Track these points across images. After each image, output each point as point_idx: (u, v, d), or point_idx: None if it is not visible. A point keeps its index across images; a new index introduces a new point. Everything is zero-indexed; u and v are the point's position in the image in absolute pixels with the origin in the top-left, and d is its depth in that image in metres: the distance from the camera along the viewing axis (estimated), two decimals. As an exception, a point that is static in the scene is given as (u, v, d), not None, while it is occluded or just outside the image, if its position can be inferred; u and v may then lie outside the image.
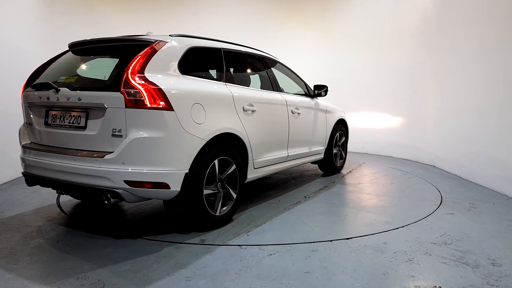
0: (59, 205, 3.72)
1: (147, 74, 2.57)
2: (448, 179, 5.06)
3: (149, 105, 2.50)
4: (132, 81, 2.50)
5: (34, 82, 3.09)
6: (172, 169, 2.62)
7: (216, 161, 2.97)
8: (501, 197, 4.12)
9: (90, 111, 2.68)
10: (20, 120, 3.35)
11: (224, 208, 3.12)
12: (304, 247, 2.69)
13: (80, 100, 2.68)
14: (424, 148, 6.29)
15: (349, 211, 3.63)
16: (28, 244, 2.76)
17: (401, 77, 6.72)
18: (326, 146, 4.92)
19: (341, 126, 5.31)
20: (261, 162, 3.59)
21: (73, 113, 2.77)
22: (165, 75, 2.70)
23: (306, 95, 4.67)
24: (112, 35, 3.30)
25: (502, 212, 3.58)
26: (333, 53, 7.94)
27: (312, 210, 3.61)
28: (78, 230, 3.04)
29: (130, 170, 2.50)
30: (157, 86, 2.55)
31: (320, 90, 4.71)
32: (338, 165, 5.31)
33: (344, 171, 5.50)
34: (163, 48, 2.77)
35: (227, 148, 3.07)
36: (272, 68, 4.23)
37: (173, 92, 2.62)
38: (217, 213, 3.03)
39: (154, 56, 2.67)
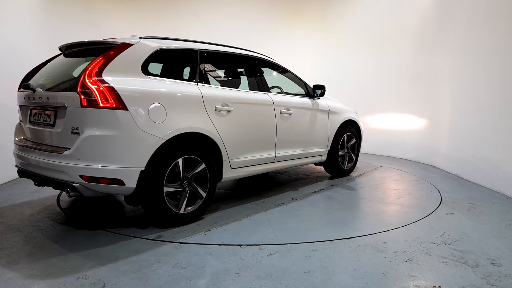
0: (59, 205, 3.72)
1: (105, 75, 2.71)
2: (448, 179, 5.07)
3: (101, 105, 2.64)
4: (88, 82, 2.66)
5: (24, 83, 3.31)
6: (126, 166, 2.73)
7: (180, 160, 3.03)
8: (501, 197, 4.12)
9: (58, 110, 2.87)
10: (17, 120, 3.49)
11: (191, 206, 3.18)
12: (304, 247, 2.70)
13: (48, 100, 2.91)
14: (424, 148, 6.30)
15: (328, 215, 3.47)
16: (28, 244, 2.76)
17: (401, 77, 6.72)
18: (329, 148, 4.78)
19: (350, 128, 5.10)
20: (241, 162, 3.59)
21: (46, 112, 2.99)
22: (125, 76, 2.82)
23: (305, 95, 4.57)
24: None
25: (501, 212, 3.59)
26: (333, 53, 7.94)
27: (289, 212, 3.51)
28: (78, 229, 3.04)
29: (84, 165, 2.66)
30: (111, 86, 2.68)
31: (317, 90, 4.59)
32: (346, 168, 5.11)
33: (354, 174, 5.31)
34: (126, 50, 2.91)
35: (193, 147, 3.13)
36: (262, 68, 4.19)
37: (127, 92, 2.74)
38: (181, 211, 3.09)
39: (115, 58, 2.82)
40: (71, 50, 3.32)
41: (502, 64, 4.29)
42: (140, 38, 3.11)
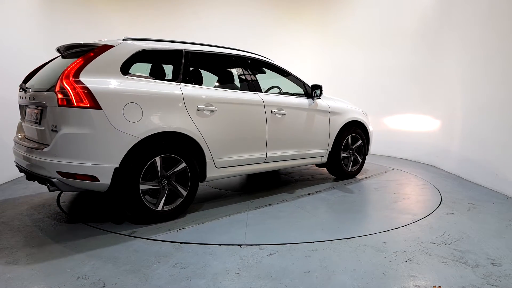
0: (59, 205, 3.73)
1: (82, 76, 2.82)
2: (448, 179, 5.07)
3: (76, 104, 2.76)
4: (64, 83, 2.78)
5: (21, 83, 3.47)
6: (100, 163, 2.83)
7: (157, 159, 3.09)
8: (501, 197, 4.12)
9: (42, 109, 2.99)
10: (17, 120, 3.57)
11: (170, 204, 3.24)
12: (304, 247, 2.70)
13: (34, 99, 3.08)
14: (424, 148, 6.30)
15: (309, 218, 3.36)
16: (28, 244, 2.76)
17: (401, 77, 6.72)
18: (329, 149, 4.65)
19: (355, 129, 4.93)
20: (227, 162, 3.59)
21: (35, 111, 3.13)
22: (102, 77, 2.91)
23: (304, 95, 4.49)
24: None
25: (501, 212, 3.58)
26: (333, 53, 7.94)
27: (273, 214, 3.47)
28: (78, 230, 3.04)
29: (61, 162, 2.78)
30: (85, 87, 2.79)
31: (316, 90, 4.47)
32: (350, 170, 4.95)
33: (361, 176, 5.14)
34: (106, 52, 3.01)
35: (173, 146, 3.18)
36: (254, 69, 4.16)
37: (102, 92, 2.83)
38: (159, 208, 3.15)
39: (94, 59, 2.93)
40: (68, 52, 3.39)
41: (502, 65, 4.29)
42: (124, 39, 3.19)
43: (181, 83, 3.34)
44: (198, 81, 3.74)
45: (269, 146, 3.95)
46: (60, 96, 2.78)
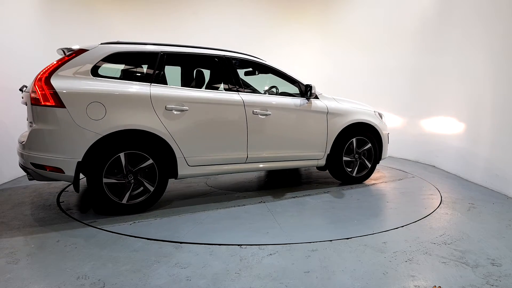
0: (59, 205, 3.73)
1: (53, 78, 3.11)
2: (448, 179, 5.07)
3: (42, 103, 3.06)
4: (35, 84, 3.10)
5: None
6: (64, 157, 3.11)
7: (122, 155, 3.28)
8: (501, 197, 4.12)
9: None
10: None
11: (136, 199, 3.42)
12: (304, 247, 2.70)
13: (22, 98, 3.48)
14: (424, 148, 6.30)
15: (265, 221, 3.27)
16: (28, 244, 2.76)
17: (400, 77, 6.72)
18: (328, 152, 4.41)
19: (363, 131, 4.63)
20: (200, 160, 3.66)
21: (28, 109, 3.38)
22: (73, 78, 3.19)
23: (300, 95, 4.31)
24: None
25: (501, 212, 3.59)
26: (333, 53, 7.94)
27: (235, 214, 3.44)
28: (78, 229, 3.05)
29: (33, 154, 3.12)
30: (52, 87, 3.07)
31: (308, 90, 4.25)
32: (355, 174, 4.62)
33: (370, 182, 4.78)
34: (80, 55, 3.28)
35: (140, 143, 3.37)
36: (240, 69, 4.14)
37: (66, 92, 3.09)
38: (124, 202, 3.34)
39: (67, 62, 3.22)
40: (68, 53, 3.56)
41: (503, 65, 4.29)
42: (101, 43, 3.43)
43: (152, 84, 3.48)
44: (173, 81, 3.81)
45: (251, 146, 3.91)
46: (32, 95, 3.11)
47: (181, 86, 4.03)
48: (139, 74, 3.71)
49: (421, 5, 6.23)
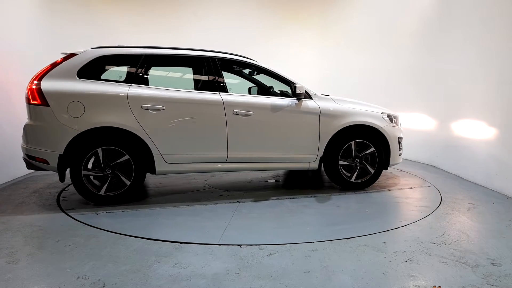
0: (59, 205, 3.73)
1: (44, 79, 3.49)
2: (448, 179, 5.06)
3: (31, 102, 3.49)
4: (29, 85, 3.52)
5: None
6: (48, 150, 3.49)
7: (99, 150, 3.57)
8: (501, 197, 4.12)
9: None
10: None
11: (114, 191, 3.69)
12: (304, 247, 2.70)
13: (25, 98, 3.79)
14: (424, 148, 6.29)
15: (221, 220, 3.28)
16: (28, 244, 2.76)
17: (400, 77, 6.72)
18: (320, 155, 4.18)
19: (365, 134, 4.32)
20: (178, 158, 3.80)
21: None
22: (60, 80, 3.53)
23: (293, 95, 4.12)
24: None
25: (501, 212, 3.59)
26: (333, 54, 7.95)
27: (199, 213, 3.47)
28: (78, 229, 3.05)
29: (26, 147, 3.58)
30: (39, 88, 3.45)
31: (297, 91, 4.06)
32: (354, 180, 4.32)
33: (372, 189, 4.41)
34: (70, 59, 3.63)
35: (117, 139, 3.62)
36: (224, 69, 4.17)
37: (51, 92, 3.46)
38: (101, 193, 3.64)
39: (58, 66, 3.58)
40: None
41: (503, 65, 4.29)
42: (91, 48, 3.73)
43: (132, 84, 3.70)
44: (156, 82, 3.95)
45: (231, 146, 3.91)
46: (26, 96, 3.53)
47: (171, 87, 3.92)
48: (121, 76, 3.89)
49: (421, 5, 6.23)
